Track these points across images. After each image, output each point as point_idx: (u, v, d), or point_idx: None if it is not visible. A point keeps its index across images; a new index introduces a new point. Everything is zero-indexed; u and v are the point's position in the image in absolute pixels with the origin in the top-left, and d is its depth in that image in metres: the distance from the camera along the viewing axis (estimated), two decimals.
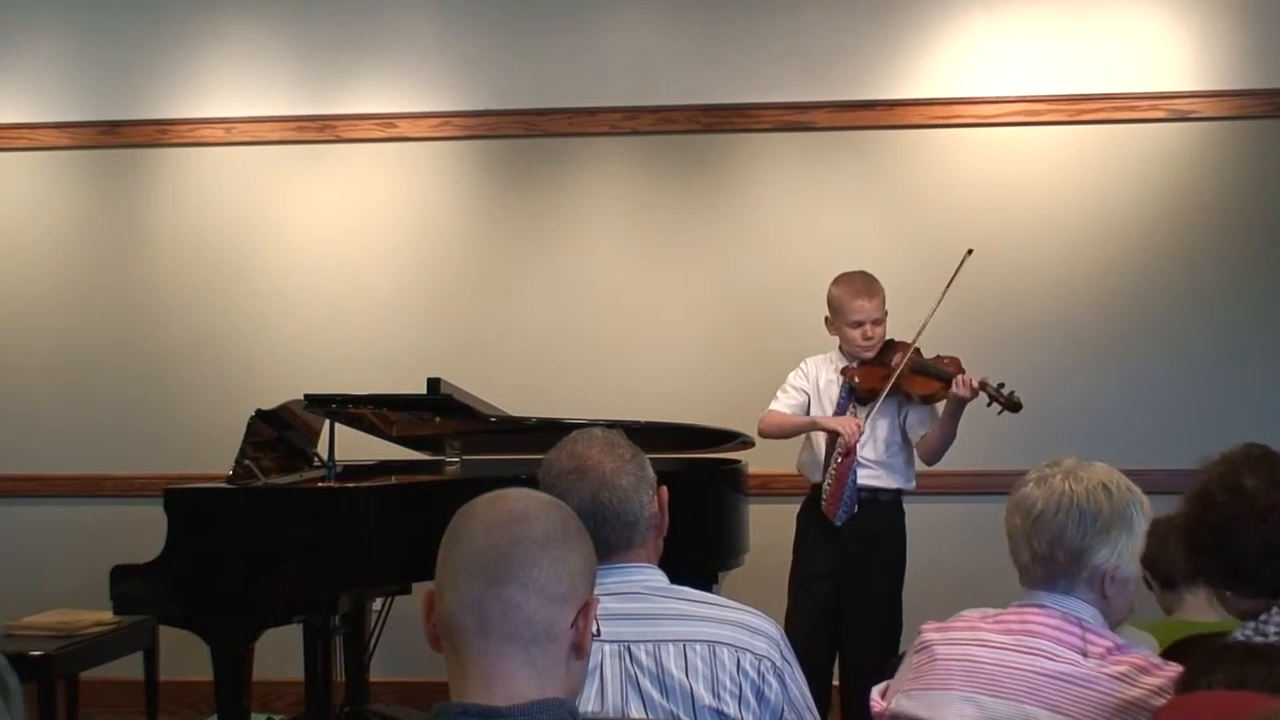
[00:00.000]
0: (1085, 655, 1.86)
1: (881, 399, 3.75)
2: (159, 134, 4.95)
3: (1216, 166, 4.66)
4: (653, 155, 4.84)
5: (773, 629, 1.88)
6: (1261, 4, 4.67)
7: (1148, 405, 4.63)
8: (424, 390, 3.84)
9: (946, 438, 3.77)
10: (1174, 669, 1.87)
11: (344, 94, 4.91)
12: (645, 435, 2.54)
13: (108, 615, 3.82)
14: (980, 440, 4.38)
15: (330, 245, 4.91)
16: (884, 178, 4.76)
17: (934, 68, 4.76)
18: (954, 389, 3.65)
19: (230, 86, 4.95)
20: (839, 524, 3.77)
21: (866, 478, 3.79)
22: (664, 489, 1.99)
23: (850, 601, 3.78)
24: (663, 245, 4.82)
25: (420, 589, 3.59)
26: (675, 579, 1.93)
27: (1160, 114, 4.67)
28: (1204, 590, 2.83)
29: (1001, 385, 3.68)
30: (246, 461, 3.71)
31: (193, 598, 3.51)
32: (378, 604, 4.35)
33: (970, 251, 3.89)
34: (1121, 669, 1.85)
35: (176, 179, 4.98)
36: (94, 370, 4.95)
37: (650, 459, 1.98)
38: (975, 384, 3.64)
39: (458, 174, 4.91)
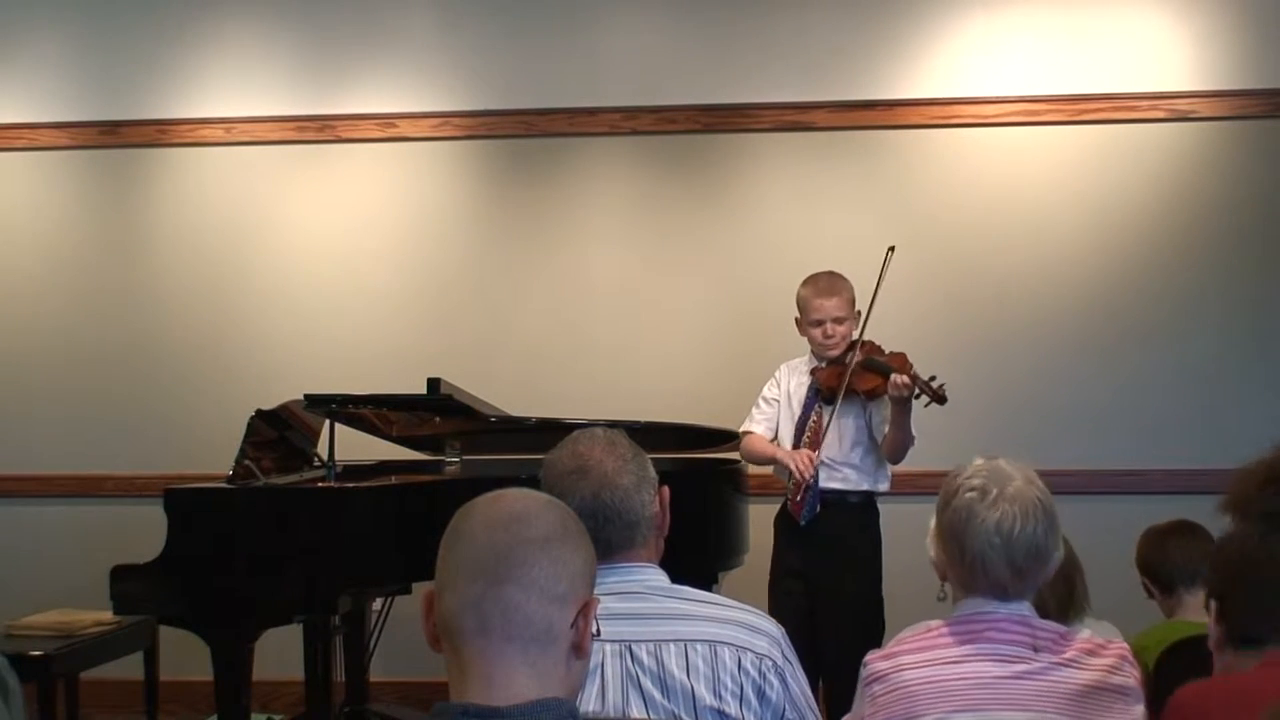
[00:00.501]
0: (1036, 650, 1.87)
1: (840, 399, 3.71)
2: (159, 134, 4.96)
3: (1216, 166, 4.66)
4: (653, 155, 4.84)
5: (774, 628, 1.88)
6: (1261, 4, 4.67)
7: (1148, 405, 4.63)
8: (424, 390, 3.84)
9: (899, 438, 3.71)
10: (1120, 646, 1.91)
11: (344, 94, 4.91)
12: (645, 435, 2.53)
13: (108, 615, 3.81)
14: (980, 440, 4.37)
15: (330, 245, 4.91)
16: (884, 178, 4.76)
17: (934, 68, 4.76)
18: (889, 387, 3.61)
19: (230, 86, 4.95)
20: (804, 524, 3.73)
21: (832, 480, 3.74)
22: (665, 489, 1.98)
23: (824, 604, 3.73)
24: (663, 245, 4.82)
25: (420, 589, 3.59)
26: (675, 579, 1.93)
27: (1160, 114, 4.67)
28: (1203, 590, 2.84)
29: (933, 378, 3.62)
30: (246, 461, 3.71)
31: (193, 598, 3.51)
32: (378, 604, 4.35)
33: (892, 249, 3.83)
34: (1070, 654, 1.87)
35: (176, 179, 4.98)
36: (94, 370, 4.95)
37: (650, 459, 1.98)
38: (907, 379, 3.59)
39: (458, 174, 4.91)
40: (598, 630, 1.42)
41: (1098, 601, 2.73)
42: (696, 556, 3.68)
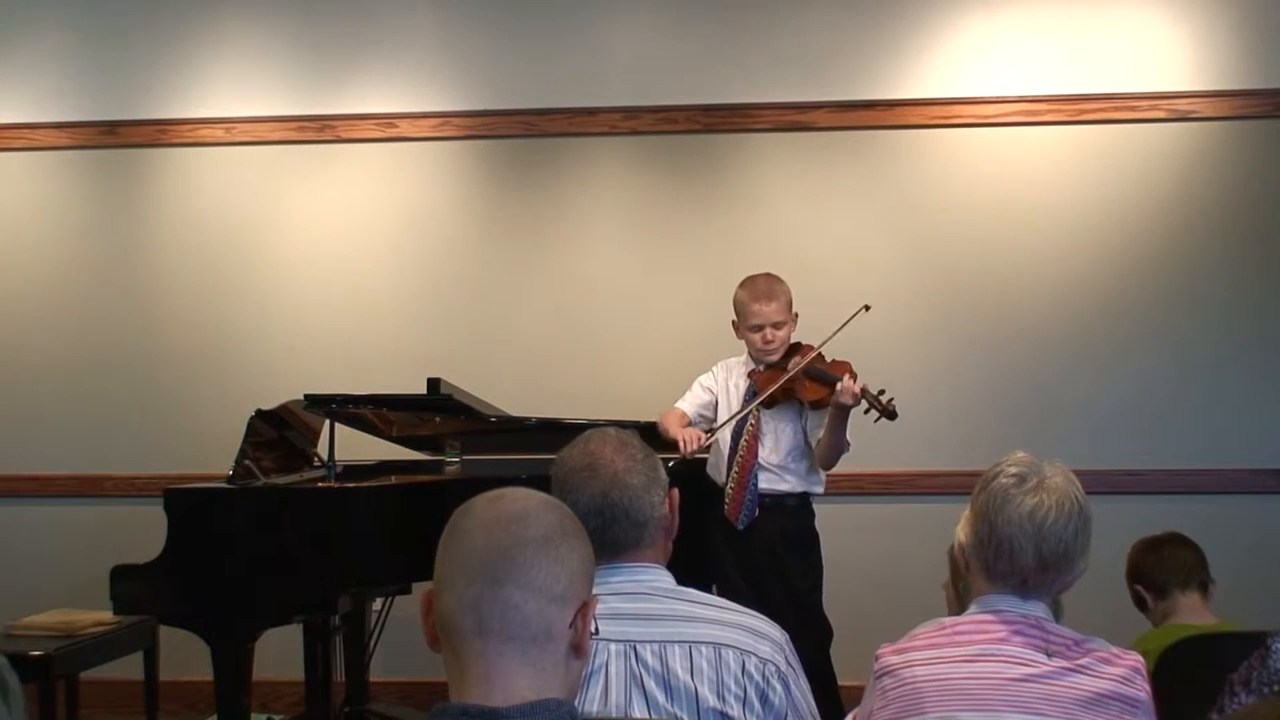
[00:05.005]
0: (1049, 654, 1.86)
1: (758, 400, 3.69)
2: (159, 134, 4.95)
3: (1216, 166, 4.66)
4: (653, 155, 4.84)
5: (777, 633, 1.88)
6: (1261, 4, 4.67)
7: (1148, 405, 4.63)
8: (424, 390, 3.84)
9: (834, 444, 3.68)
10: (1134, 657, 1.89)
11: (344, 94, 4.91)
12: (644, 435, 2.54)
13: (108, 615, 3.81)
14: (982, 440, 4.40)
15: (330, 245, 4.90)
16: (884, 178, 4.76)
17: (934, 68, 4.76)
18: (836, 395, 3.57)
19: (230, 86, 4.95)
20: (741, 528, 3.72)
21: (769, 481, 3.72)
22: (675, 491, 1.98)
23: (772, 606, 3.65)
24: (663, 245, 4.82)
25: (420, 589, 3.59)
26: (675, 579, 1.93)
27: (1160, 114, 4.67)
28: (1197, 594, 2.86)
29: (881, 392, 3.59)
30: (246, 461, 3.71)
31: (193, 598, 3.51)
32: (378, 604, 4.35)
33: (866, 308, 3.69)
34: (1085, 661, 1.86)
35: (176, 179, 4.97)
36: (94, 370, 4.95)
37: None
38: (857, 391, 3.56)
39: (458, 174, 4.91)
40: (596, 629, 1.42)
41: (1098, 603, 2.73)
42: (694, 557, 3.67)
